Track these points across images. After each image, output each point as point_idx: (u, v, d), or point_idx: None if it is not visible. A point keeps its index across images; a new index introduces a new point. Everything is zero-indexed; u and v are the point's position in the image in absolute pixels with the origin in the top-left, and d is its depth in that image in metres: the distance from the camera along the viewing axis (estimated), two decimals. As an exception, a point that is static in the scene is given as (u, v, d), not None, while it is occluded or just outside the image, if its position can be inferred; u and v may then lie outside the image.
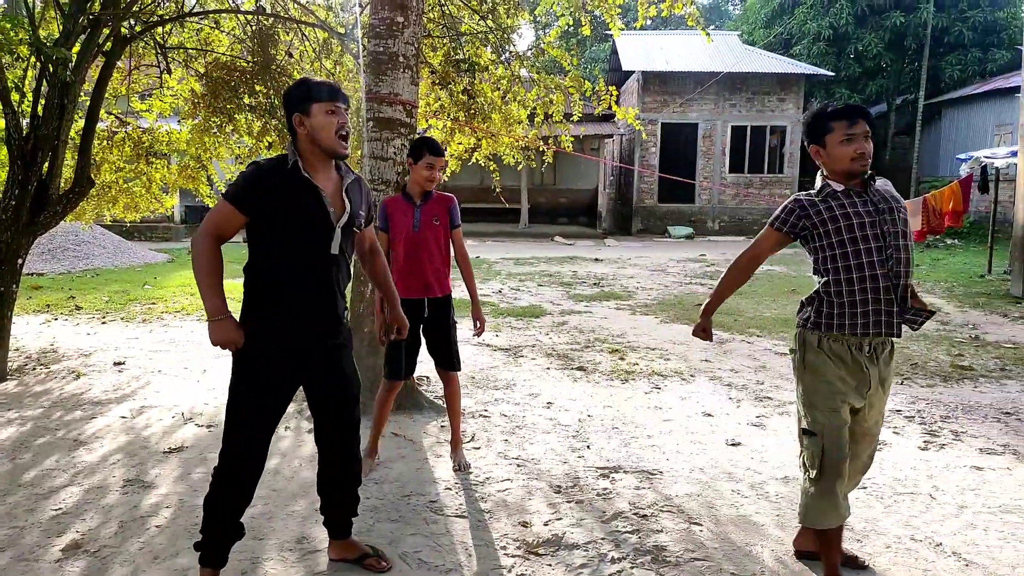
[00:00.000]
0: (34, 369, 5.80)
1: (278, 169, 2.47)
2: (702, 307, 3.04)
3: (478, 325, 3.88)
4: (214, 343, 2.43)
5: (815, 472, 2.58)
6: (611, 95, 7.28)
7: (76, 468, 3.78)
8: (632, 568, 2.82)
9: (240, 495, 2.56)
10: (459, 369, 3.88)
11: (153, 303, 9.12)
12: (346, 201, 2.56)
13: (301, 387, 2.65)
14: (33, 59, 5.31)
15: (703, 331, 3.07)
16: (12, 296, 5.47)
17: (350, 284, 3.08)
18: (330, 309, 2.57)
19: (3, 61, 4.97)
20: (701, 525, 3.19)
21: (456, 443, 3.91)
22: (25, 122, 5.29)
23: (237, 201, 2.43)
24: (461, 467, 3.79)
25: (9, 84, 5.14)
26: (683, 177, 19.28)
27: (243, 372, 2.51)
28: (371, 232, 2.84)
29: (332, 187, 2.54)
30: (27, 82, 5.51)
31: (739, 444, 4.23)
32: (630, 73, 22.18)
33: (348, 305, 2.74)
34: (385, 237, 3.66)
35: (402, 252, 3.67)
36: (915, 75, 22.59)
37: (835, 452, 2.55)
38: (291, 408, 2.91)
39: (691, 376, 5.76)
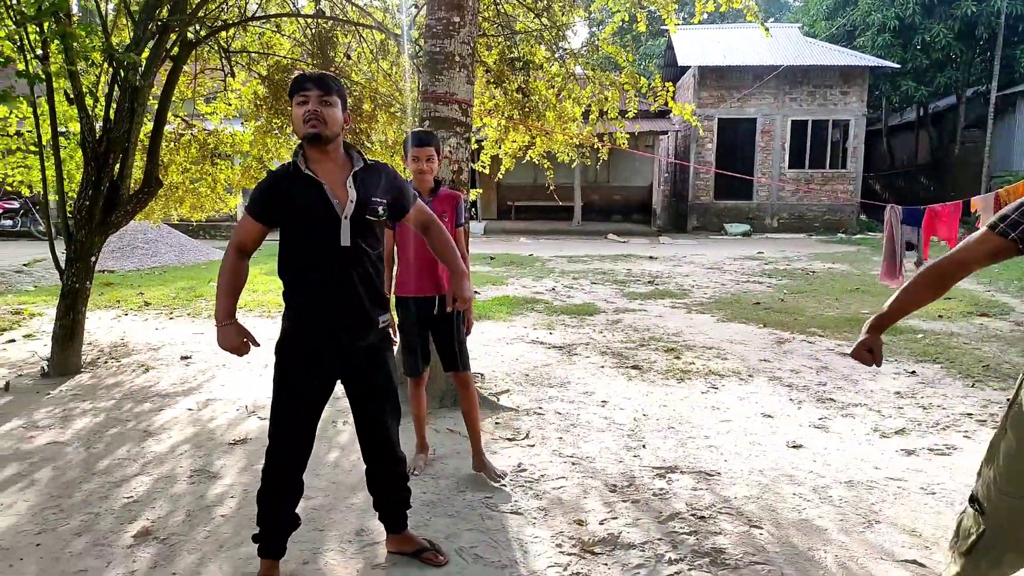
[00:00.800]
0: (106, 362, 6.04)
1: (286, 172, 2.49)
2: (870, 320, 2.24)
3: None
4: (219, 346, 2.52)
5: (964, 547, 2.06)
6: (667, 91, 7.19)
7: (146, 458, 3.93)
8: (690, 570, 2.78)
9: (280, 488, 2.61)
10: (467, 368, 3.65)
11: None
12: (350, 190, 2.48)
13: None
14: (106, 65, 5.52)
15: (868, 351, 2.22)
16: (86, 292, 5.71)
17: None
18: (347, 305, 2.51)
19: (78, 67, 5.19)
20: (761, 528, 3.13)
21: (478, 452, 3.68)
22: (98, 125, 5.52)
23: (253, 212, 2.50)
24: (498, 476, 3.61)
25: (84, 89, 5.36)
26: (740, 173, 18.93)
27: (276, 371, 2.59)
28: (420, 208, 2.72)
29: (337, 178, 2.49)
30: (100, 87, 5.74)
31: (800, 446, 4.13)
32: (686, 68, 21.86)
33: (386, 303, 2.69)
34: (390, 233, 3.60)
35: (412, 249, 3.55)
36: (987, 66, 21.64)
37: (994, 547, 1.98)
38: (347, 404, 2.95)
39: (749, 376, 5.64)
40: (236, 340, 2.50)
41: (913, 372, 5.70)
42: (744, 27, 22.30)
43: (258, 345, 2.56)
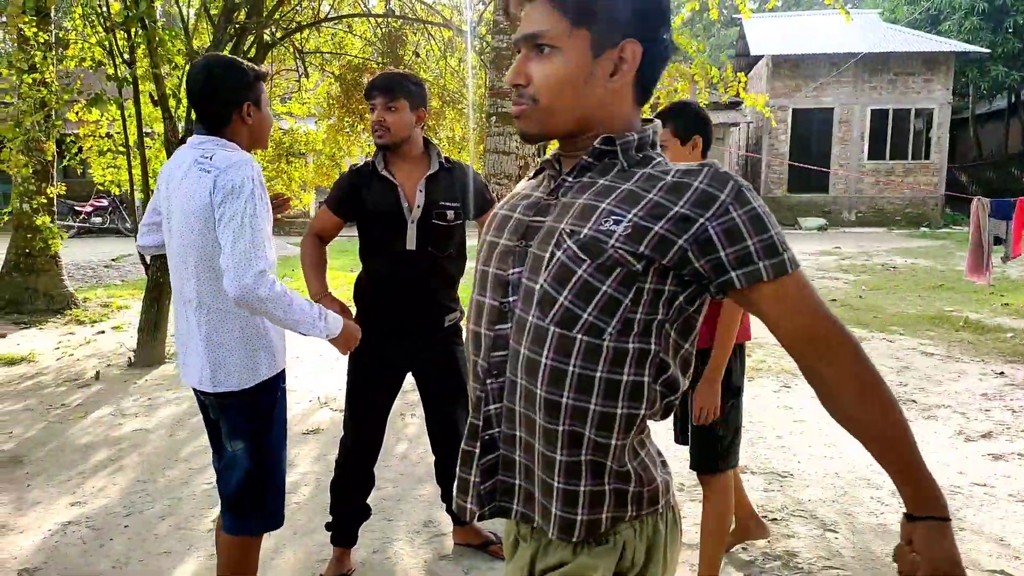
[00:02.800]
0: (188, 354, 6.30)
1: (364, 171, 2.56)
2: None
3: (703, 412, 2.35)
4: None
5: None
6: (739, 81, 7.02)
7: (225, 446, 4.09)
8: (761, 573, 2.72)
9: (352, 478, 2.68)
10: (712, 470, 2.45)
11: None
12: (419, 194, 2.50)
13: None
14: (187, 67, 5.76)
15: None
16: (170, 286, 5.96)
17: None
18: (412, 304, 2.54)
19: (162, 70, 5.43)
20: (836, 532, 3.03)
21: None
22: (180, 126, 5.76)
23: (331, 205, 2.60)
24: None
25: (167, 91, 5.60)
26: (816, 165, 18.33)
27: (349, 365, 2.66)
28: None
29: (412, 180, 2.52)
30: (182, 89, 5.99)
31: (878, 448, 3.97)
32: (759, 58, 21.27)
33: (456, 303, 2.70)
34: None
35: None
36: (1087, 48, 20.31)
37: None
38: (415, 397, 3.00)
39: (824, 375, 5.46)
40: (335, 308, 2.46)
41: (1001, 373, 5.41)
42: (820, 14, 21.56)
43: (352, 316, 2.55)
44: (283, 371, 2.13)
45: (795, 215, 20.67)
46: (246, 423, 2.05)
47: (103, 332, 7.14)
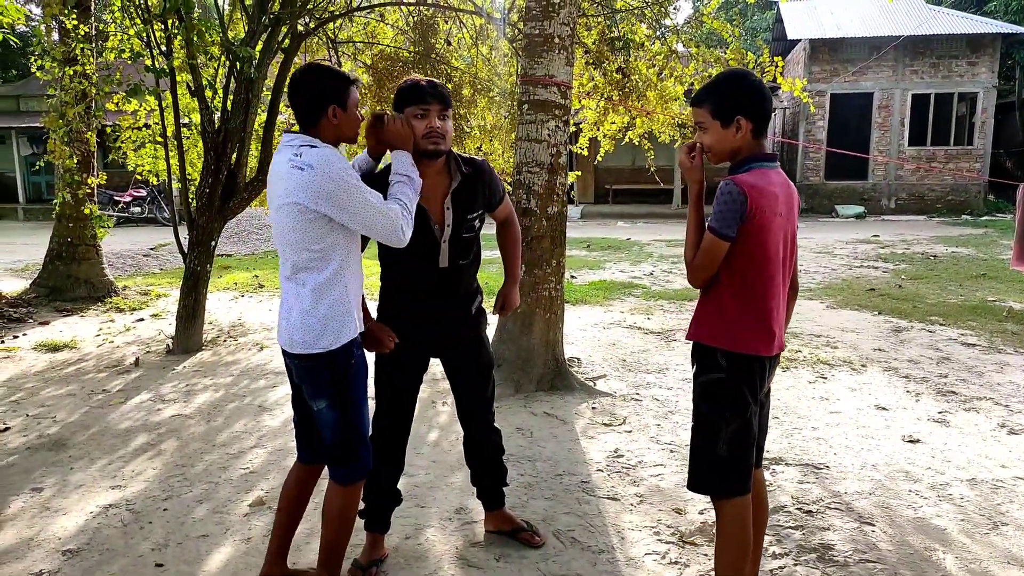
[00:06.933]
0: (225, 341, 6.41)
1: (384, 178, 2.40)
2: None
3: None
4: (367, 350, 2.57)
5: None
6: (776, 66, 6.89)
7: (261, 432, 4.15)
8: (795, 565, 2.69)
9: (382, 461, 2.66)
10: (708, 490, 2.21)
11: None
12: (447, 212, 2.45)
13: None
14: (223, 58, 5.82)
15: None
16: (207, 275, 6.07)
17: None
18: (441, 309, 2.57)
19: (199, 61, 5.49)
20: (874, 526, 2.98)
21: None
22: (216, 116, 5.82)
23: None
24: None
25: (204, 82, 5.67)
26: (854, 152, 17.92)
27: (376, 358, 2.66)
28: (505, 203, 2.71)
29: (437, 195, 2.45)
30: (218, 79, 6.05)
31: (918, 441, 3.90)
32: (796, 42, 20.84)
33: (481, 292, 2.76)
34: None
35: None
36: None
37: None
38: (447, 385, 3.01)
39: (862, 366, 5.37)
40: (374, 339, 2.52)
41: (1048, 365, 5.27)
42: (860, -4, 21.01)
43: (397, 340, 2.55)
44: (355, 339, 2.32)
45: (832, 203, 20.29)
46: (324, 383, 2.29)
47: (142, 319, 7.29)
